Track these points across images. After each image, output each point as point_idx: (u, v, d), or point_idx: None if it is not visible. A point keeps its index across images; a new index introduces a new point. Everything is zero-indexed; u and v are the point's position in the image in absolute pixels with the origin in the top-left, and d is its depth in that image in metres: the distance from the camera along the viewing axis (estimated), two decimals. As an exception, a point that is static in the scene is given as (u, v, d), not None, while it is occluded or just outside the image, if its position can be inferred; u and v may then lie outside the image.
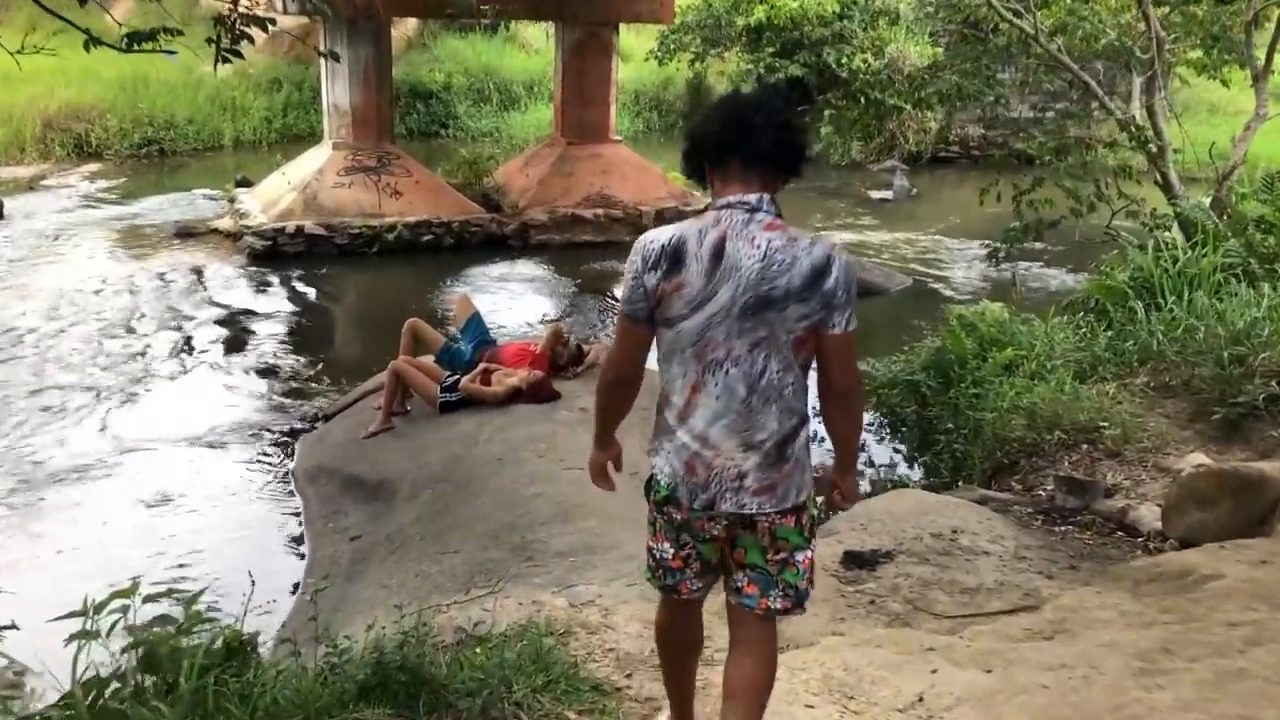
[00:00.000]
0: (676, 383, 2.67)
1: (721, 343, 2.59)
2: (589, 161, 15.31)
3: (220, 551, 6.56)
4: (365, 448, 7.55)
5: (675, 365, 2.65)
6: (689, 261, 2.56)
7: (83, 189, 16.72)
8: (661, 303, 2.60)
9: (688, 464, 2.66)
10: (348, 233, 13.67)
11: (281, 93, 21.57)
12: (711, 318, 2.57)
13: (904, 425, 8.90)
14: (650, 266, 2.59)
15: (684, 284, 2.56)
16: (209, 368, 9.84)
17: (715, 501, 2.66)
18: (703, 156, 2.69)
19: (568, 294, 12.77)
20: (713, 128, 2.66)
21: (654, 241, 2.61)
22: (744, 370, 2.60)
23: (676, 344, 2.63)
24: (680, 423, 2.67)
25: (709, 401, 2.62)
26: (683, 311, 2.58)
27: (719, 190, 2.66)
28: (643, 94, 24.39)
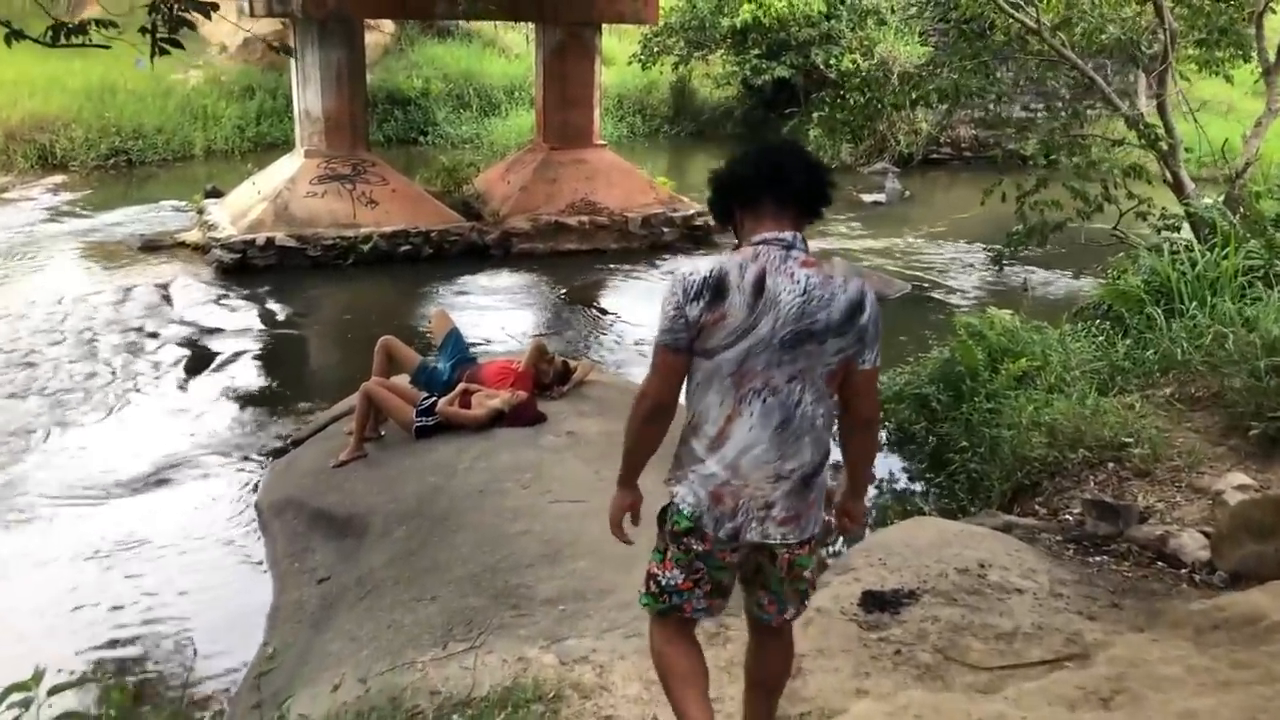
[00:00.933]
0: (711, 412, 2.70)
1: (760, 373, 2.66)
2: (573, 167, 14.75)
3: (173, 605, 5.98)
4: (335, 478, 6.96)
5: (712, 394, 2.69)
6: (731, 294, 2.62)
7: (46, 201, 16.07)
8: (703, 333, 2.65)
9: (714, 494, 2.71)
10: (321, 244, 13.07)
11: (254, 100, 20.97)
12: (752, 348, 2.64)
13: (913, 443, 8.36)
14: (693, 297, 2.63)
15: (726, 315, 2.62)
16: (170, 391, 9.24)
17: (740, 531, 2.73)
18: (735, 196, 2.78)
19: (553, 306, 12.21)
20: (748, 170, 2.75)
21: (695, 273, 2.65)
22: (780, 400, 2.68)
23: (715, 373, 2.68)
24: (711, 452, 2.71)
25: (743, 431, 2.68)
26: (725, 341, 2.64)
27: (751, 229, 2.74)
28: (626, 98, 23.89)
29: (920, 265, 13.83)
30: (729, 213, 2.83)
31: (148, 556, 6.50)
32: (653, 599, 2.92)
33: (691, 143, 23.74)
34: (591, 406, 7.38)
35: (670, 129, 24.15)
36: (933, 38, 19.93)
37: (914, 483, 7.85)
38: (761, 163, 2.74)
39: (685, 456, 2.79)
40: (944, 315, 11.58)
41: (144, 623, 5.81)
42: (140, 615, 5.88)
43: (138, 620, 5.83)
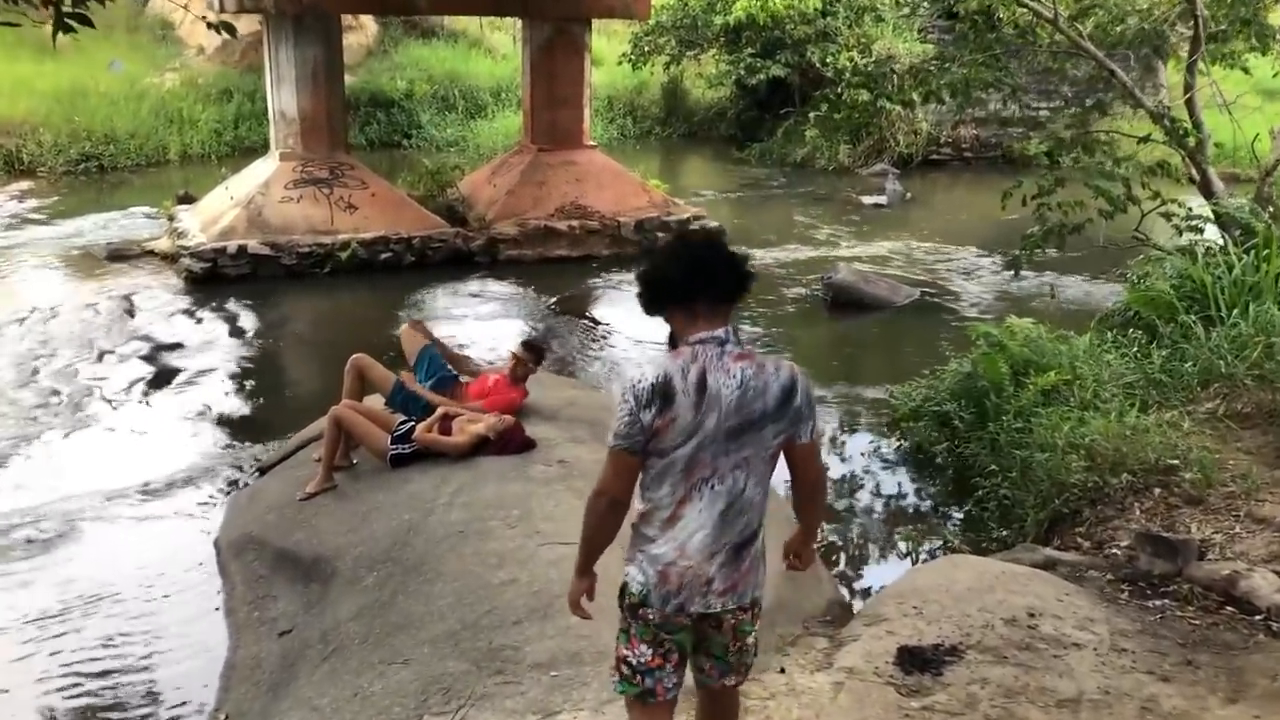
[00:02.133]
0: (665, 500, 2.89)
1: (709, 463, 2.84)
2: (562, 169, 14.07)
3: (113, 659, 5.29)
4: (302, 512, 6.28)
5: (666, 486, 2.87)
6: (678, 397, 2.79)
7: (9, 209, 15.34)
8: (656, 436, 2.81)
9: (661, 573, 2.91)
10: (296, 252, 12.38)
11: (232, 103, 20.28)
12: (701, 443, 2.82)
13: (934, 465, 7.72)
14: (645, 405, 2.79)
15: (676, 417, 2.80)
16: (127, 412, 8.55)
17: (685, 605, 2.92)
18: (669, 297, 2.91)
19: (542, 316, 11.53)
20: (677, 274, 2.88)
21: (643, 381, 2.81)
22: (727, 488, 2.87)
23: (669, 469, 2.85)
24: (662, 533, 2.91)
25: (693, 514, 2.88)
26: (676, 441, 2.82)
27: (686, 327, 2.89)
28: (616, 99, 23.27)
29: (926, 270, 13.19)
30: (659, 309, 2.95)
31: (95, 609, 5.82)
32: (627, 683, 3.03)
33: (684, 144, 23.11)
34: (585, 431, 6.71)
35: (662, 131, 23.52)
36: (932, 34, 19.32)
37: (938, 511, 7.19)
38: (692, 266, 2.88)
39: (638, 539, 2.97)
40: (956, 323, 10.95)
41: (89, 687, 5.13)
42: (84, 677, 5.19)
43: (78, 684, 5.14)
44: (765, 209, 16.82)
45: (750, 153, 21.06)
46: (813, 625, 5.24)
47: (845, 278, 11.58)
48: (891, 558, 6.62)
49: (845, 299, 11.46)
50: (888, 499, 7.41)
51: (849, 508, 7.29)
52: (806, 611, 5.37)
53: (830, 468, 7.93)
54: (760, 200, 17.62)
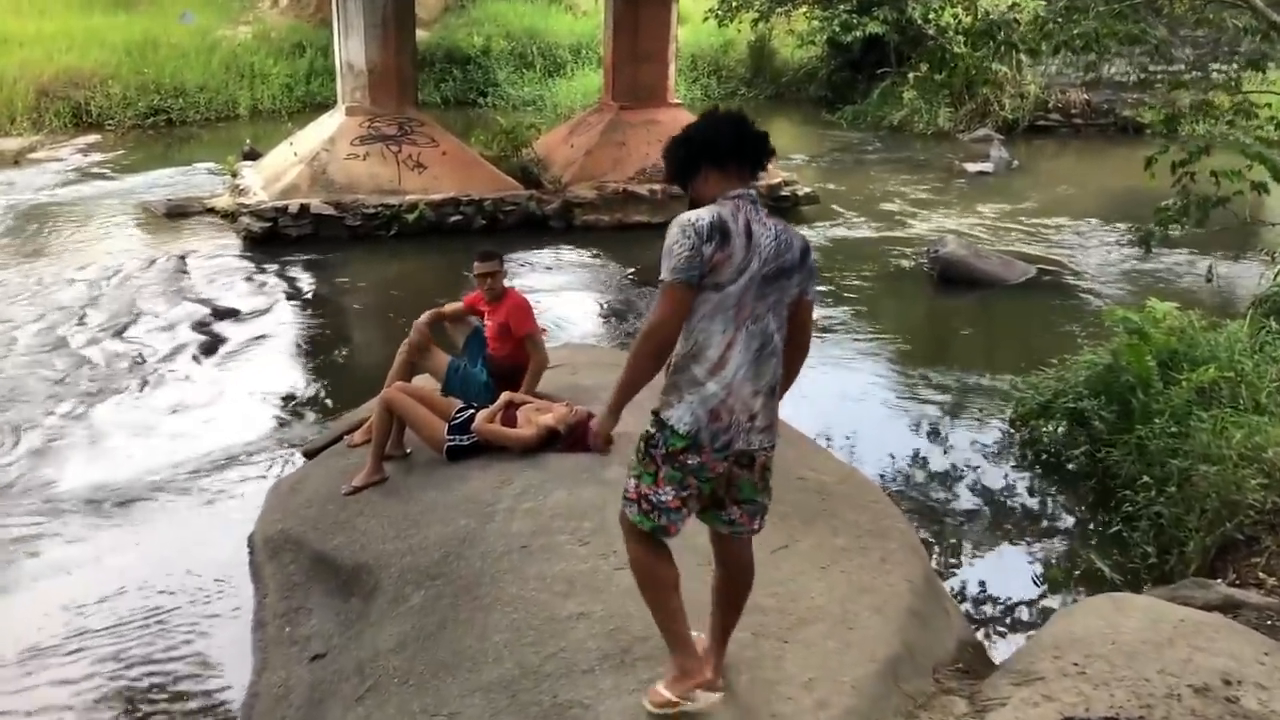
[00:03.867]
0: (715, 338, 3.00)
1: (750, 305, 3.01)
2: (644, 129, 13.11)
3: (129, 679, 4.58)
4: (345, 509, 5.49)
5: (717, 323, 2.99)
6: (733, 237, 2.96)
7: (74, 162, 14.89)
8: (715, 269, 2.94)
9: (713, 411, 3.01)
10: (361, 212, 11.64)
11: (305, 58, 19.64)
12: (748, 283, 2.99)
13: (1068, 470, 6.71)
14: (706, 239, 2.92)
15: (731, 254, 2.95)
16: (171, 383, 7.88)
17: (732, 442, 3.05)
18: (707, 156, 3.08)
19: (619, 287, 10.65)
20: (719, 134, 3.08)
21: (701, 219, 2.94)
22: (761, 328, 3.06)
23: (721, 305, 2.98)
24: (712, 375, 3.01)
25: (738, 354, 3.02)
26: (730, 277, 2.96)
27: (719, 184, 3.07)
28: (700, 58, 22.21)
29: (1041, 244, 12.03)
30: (694, 170, 3.10)
31: (113, 614, 5.15)
32: (644, 517, 3.13)
33: (771, 106, 21.95)
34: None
35: (748, 91, 22.37)
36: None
37: (1078, 528, 6.18)
38: (730, 128, 3.08)
39: (684, 383, 3.04)
40: (1082, 305, 9.85)
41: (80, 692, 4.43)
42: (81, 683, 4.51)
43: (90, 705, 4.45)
44: (859, 174, 15.70)
45: (842, 115, 19.89)
46: (945, 677, 4.31)
47: (954, 251, 10.51)
48: (1028, 585, 5.64)
49: (954, 274, 10.40)
50: (1016, 512, 6.42)
51: (970, 520, 6.31)
52: (936, 657, 4.44)
53: (943, 467, 6.98)
54: (853, 165, 16.50)
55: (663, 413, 3.08)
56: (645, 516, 3.13)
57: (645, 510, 3.13)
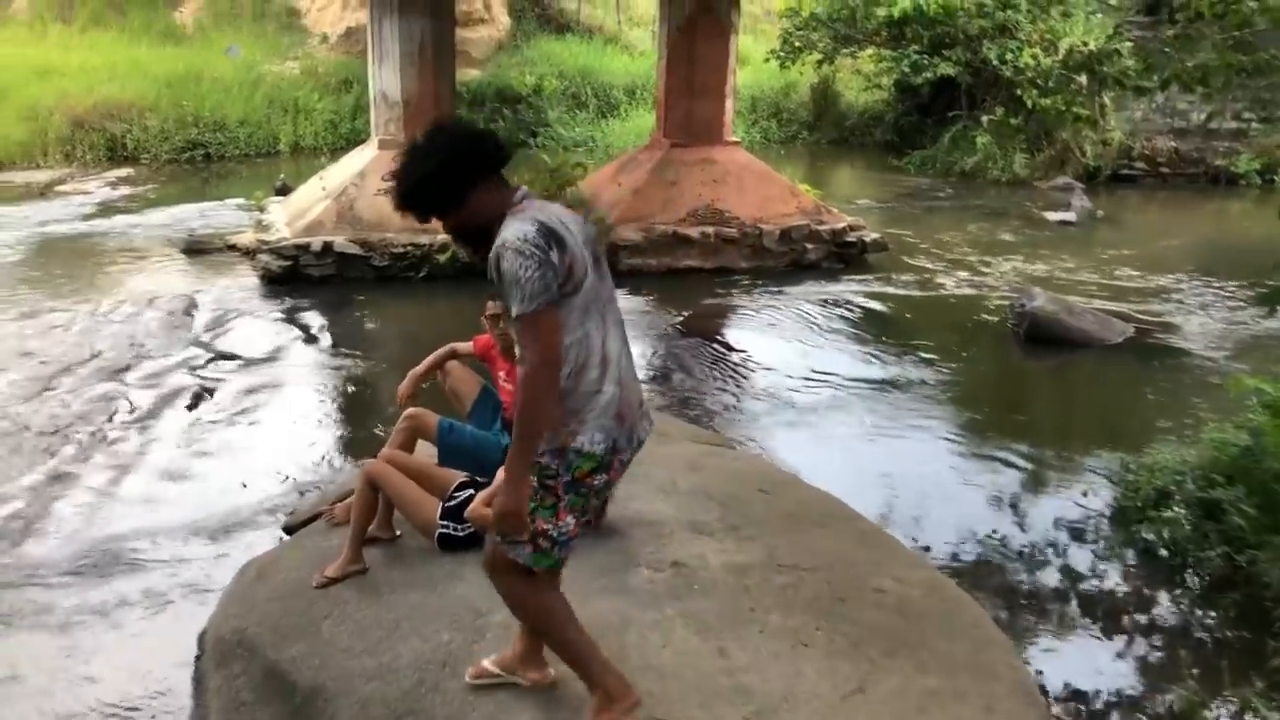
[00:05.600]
0: (594, 341, 2.83)
1: (600, 290, 2.88)
2: (698, 168, 12.13)
3: None
4: (314, 606, 4.47)
5: (590, 324, 2.81)
6: (563, 233, 2.76)
7: (101, 196, 14.25)
8: (569, 274, 2.75)
9: (619, 414, 2.86)
10: (389, 252, 10.76)
11: (351, 94, 19.01)
12: (592, 273, 2.84)
13: (1195, 575, 5.49)
14: (547, 248, 2.70)
15: (572, 251, 2.77)
16: (150, 442, 6.94)
17: (634, 435, 2.96)
18: (478, 170, 2.84)
19: (664, 338, 9.61)
20: (476, 142, 2.88)
21: (528, 233, 2.70)
22: (615, 309, 2.97)
23: (584, 305, 2.80)
24: (604, 378, 2.84)
25: (615, 345, 2.89)
26: (581, 274, 2.79)
27: (496, 194, 2.85)
28: (761, 100, 21.33)
29: (1135, 301, 10.80)
30: (464, 190, 2.82)
31: None
32: (543, 556, 2.90)
33: (834, 151, 20.95)
34: (716, 514, 4.73)
35: (809, 135, 21.40)
36: (1132, 30, 16.75)
37: (1225, 656, 4.94)
38: (472, 134, 2.90)
39: (579, 401, 2.82)
40: (1191, 372, 8.62)
41: None
42: None
43: None
44: (930, 222, 14.57)
45: (910, 161, 18.81)
46: None
47: (1043, 306, 9.33)
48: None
49: (1042, 332, 9.22)
50: (1141, 628, 5.20)
51: (1085, 635, 5.11)
52: None
53: (1034, 563, 5.82)
54: (923, 212, 15.38)
55: (568, 444, 2.82)
56: (544, 555, 2.92)
57: (544, 548, 2.90)
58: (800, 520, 4.76)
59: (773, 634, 3.86)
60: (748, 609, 3.99)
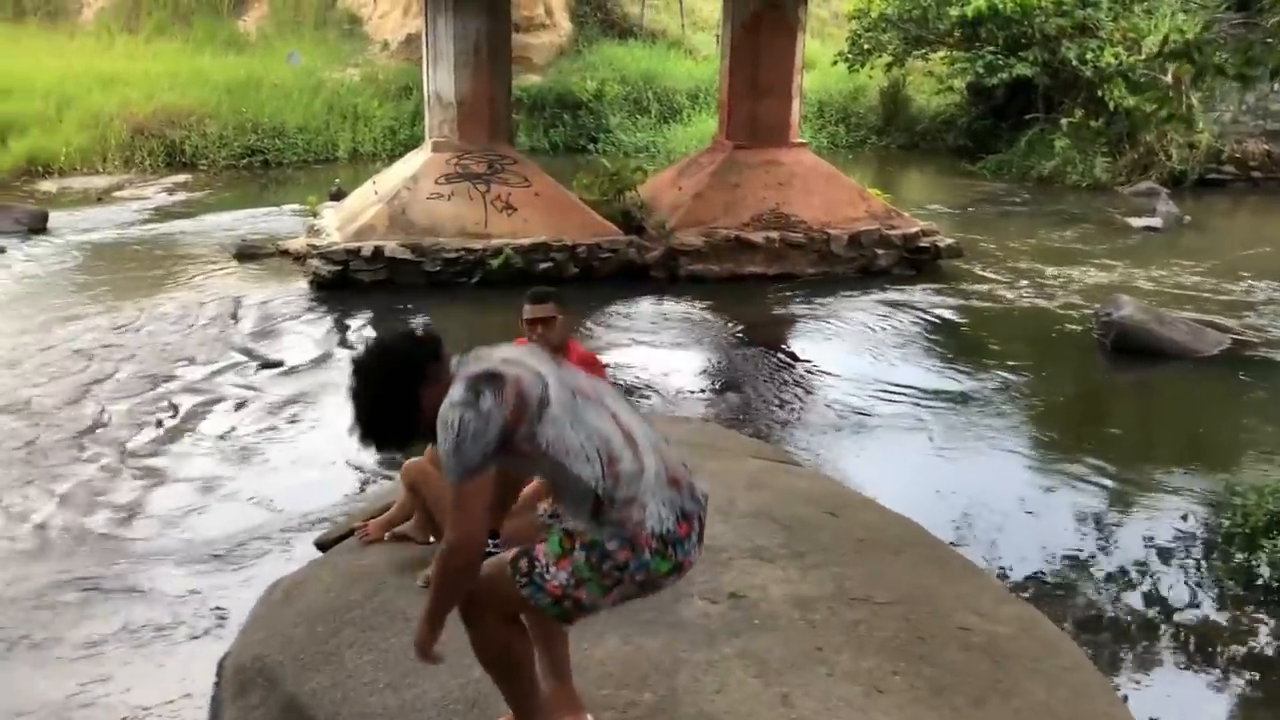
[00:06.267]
0: (604, 427, 2.57)
1: (582, 386, 2.64)
2: (762, 170, 11.65)
3: None
4: (339, 632, 4.10)
5: (588, 414, 2.58)
6: (499, 368, 2.53)
7: (157, 202, 14.18)
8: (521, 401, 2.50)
9: (672, 480, 2.62)
10: (441, 257, 10.44)
11: (410, 100, 18.81)
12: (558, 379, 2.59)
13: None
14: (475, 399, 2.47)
15: (517, 381, 2.51)
16: (186, 450, 6.66)
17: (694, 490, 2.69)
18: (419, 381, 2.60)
19: (725, 346, 9.16)
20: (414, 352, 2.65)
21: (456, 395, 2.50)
22: (612, 393, 2.71)
23: (566, 405, 2.55)
24: (637, 452, 2.57)
25: (633, 419, 2.64)
26: (539, 390, 2.53)
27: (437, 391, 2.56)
28: (828, 105, 20.79)
29: (1229, 311, 10.11)
30: (412, 405, 2.60)
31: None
32: (556, 607, 2.62)
33: (904, 156, 20.33)
34: (778, 538, 4.26)
35: (879, 140, 20.80)
36: (1224, 24, 15.96)
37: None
38: (406, 342, 2.67)
39: (627, 487, 2.54)
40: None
41: None
42: None
43: None
44: (1006, 228, 13.94)
45: (984, 166, 18.14)
46: None
47: (1131, 315, 8.73)
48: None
49: (1131, 342, 8.62)
50: (1247, 661, 4.65)
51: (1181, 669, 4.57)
52: None
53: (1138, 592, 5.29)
54: (998, 218, 14.74)
55: (638, 534, 2.55)
56: (563, 611, 2.66)
57: (566, 607, 2.64)
58: (873, 547, 4.28)
59: (843, 677, 3.40)
60: (814, 648, 3.52)
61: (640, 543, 2.56)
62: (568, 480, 2.57)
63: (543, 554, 2.63)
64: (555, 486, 2.66)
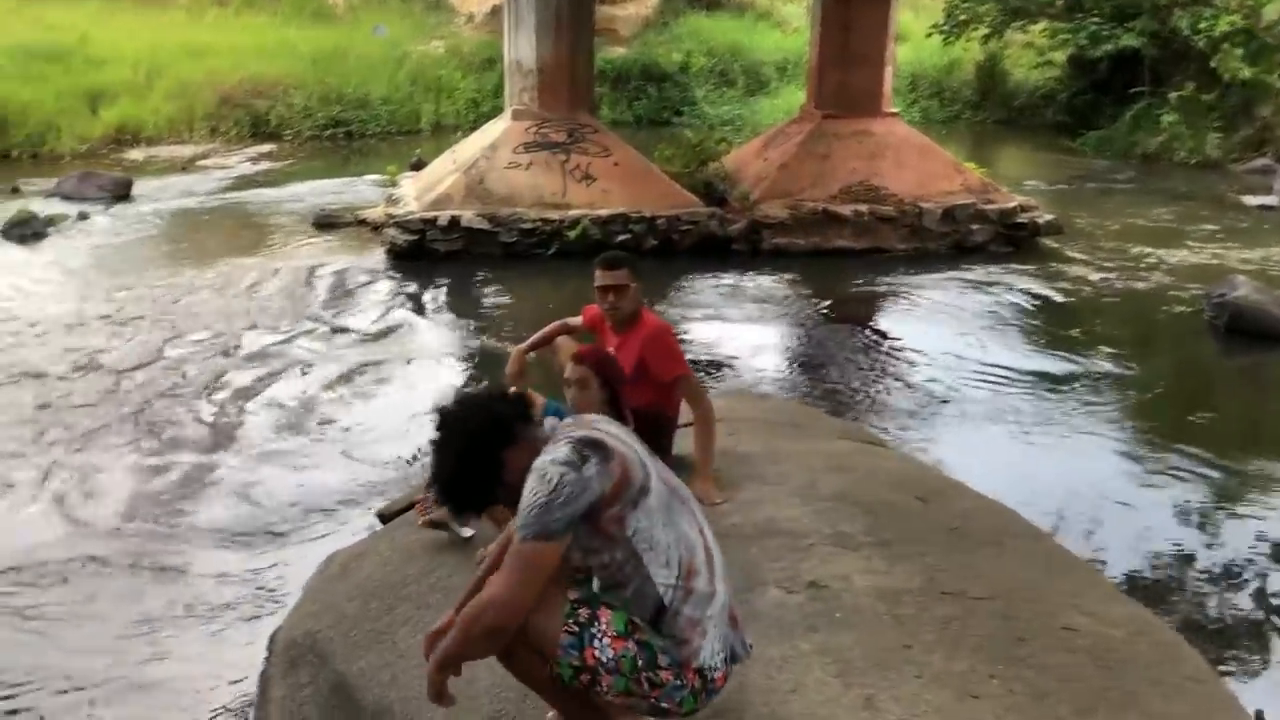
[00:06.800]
0: (692, 538, 2.44)
1: (677, 488, 2.51)
2: (852, 141, 11.21)
3: None
4: (393, 609, 3.91)
5: (682, 519, 2.44)
6: (605, 439, 2.38)
7: (241, 170, 14.28)
8: (625, 478, 2.35)
9: (732, 617, 2.51)
10: (518, 227, 10.22)
11: (493, 72, 18.62)
12: (656, 472, 2.45)
13: None
14: (581, 462, 2.31)
15: (623, 456, 2.36)
16: (253, 418, 6.53)
17: (744, 639, 2.56)
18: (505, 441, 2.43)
19: (809, 321, 8.78)
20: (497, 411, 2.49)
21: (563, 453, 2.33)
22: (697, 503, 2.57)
23: (664, 502, 2.41)
24: (712, 574, 2.44)
25: (714, 539, 2.52)
26: (642, 477, 2.38)
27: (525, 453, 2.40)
28: (921, 78, 20.20)
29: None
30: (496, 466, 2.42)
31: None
32: (571, 671, 2.37)
33: (1000, 131, 19.61)
34: (861, 524, 3.92)
35: (974, 116, 20.11)
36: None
37: None
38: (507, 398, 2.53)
39: (697, 605, 2.39)
40: None
41: None
42: None
43: None
44: (1109, 206, 13.27)
45: (1085, 142, 17.38)
46: None
47: (1247, 296, 8.16)
48: None
49: (1247, 324, 8.07)
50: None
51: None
52: None
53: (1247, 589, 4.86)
54: (1100, 196, 14.06)
55: (691, 662, 2.41)
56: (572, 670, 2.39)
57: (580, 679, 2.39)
58: (967, 537, 3.92)
59: (934, 680, 3.06)
60: (902, 646, 3.18)
61: (686, 673, 2.41)
62: (639, 575, 2.40)
63: (607, 620, 2.42)
64: (619, 575, 2.43)
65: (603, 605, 2.42)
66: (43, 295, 8.73)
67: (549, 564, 2.33)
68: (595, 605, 2.42)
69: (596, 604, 2.42)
